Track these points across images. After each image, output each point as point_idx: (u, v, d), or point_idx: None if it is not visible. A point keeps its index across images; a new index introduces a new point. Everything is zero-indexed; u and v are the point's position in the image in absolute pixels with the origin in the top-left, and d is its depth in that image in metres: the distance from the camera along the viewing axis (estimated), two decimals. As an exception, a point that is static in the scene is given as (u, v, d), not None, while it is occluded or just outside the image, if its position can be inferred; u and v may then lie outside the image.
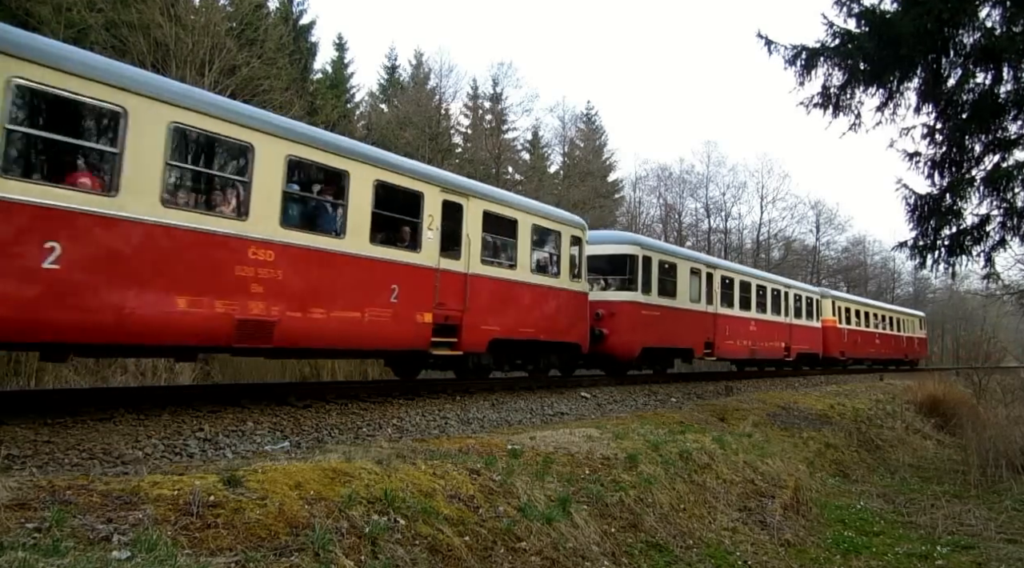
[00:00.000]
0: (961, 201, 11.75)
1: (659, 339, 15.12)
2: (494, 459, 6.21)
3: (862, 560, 7.89)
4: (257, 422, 7.06)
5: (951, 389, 22.57)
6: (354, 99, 35.07)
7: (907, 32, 10.04)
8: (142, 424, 6.35)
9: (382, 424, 7.89)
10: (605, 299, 14.18)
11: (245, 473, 4.46)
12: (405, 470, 5.33)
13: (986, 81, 10.94)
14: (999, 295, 22.89)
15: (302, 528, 4.09)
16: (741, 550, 7.20)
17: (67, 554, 3.12)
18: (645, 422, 10.03)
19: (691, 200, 47.38)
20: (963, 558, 8.08)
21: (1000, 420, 16.25)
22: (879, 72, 11.04)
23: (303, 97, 25.57)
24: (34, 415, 6.11)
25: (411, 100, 33.67)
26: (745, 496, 8.64)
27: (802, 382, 22.08)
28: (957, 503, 10.74)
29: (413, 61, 38.87)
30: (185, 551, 3.49)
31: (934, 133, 11.72)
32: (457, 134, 38.24)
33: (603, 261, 14.69)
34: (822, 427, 14.92)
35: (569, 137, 43.56)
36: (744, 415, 13.16)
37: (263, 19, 24.46)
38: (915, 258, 12.51)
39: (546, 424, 9.34)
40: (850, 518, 9.83)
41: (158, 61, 19.64)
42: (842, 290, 43.71)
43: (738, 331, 19.04)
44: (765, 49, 11.53)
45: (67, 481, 4.04)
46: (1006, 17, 10.46)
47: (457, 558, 4.69)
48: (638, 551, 6.27)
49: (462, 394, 10.31)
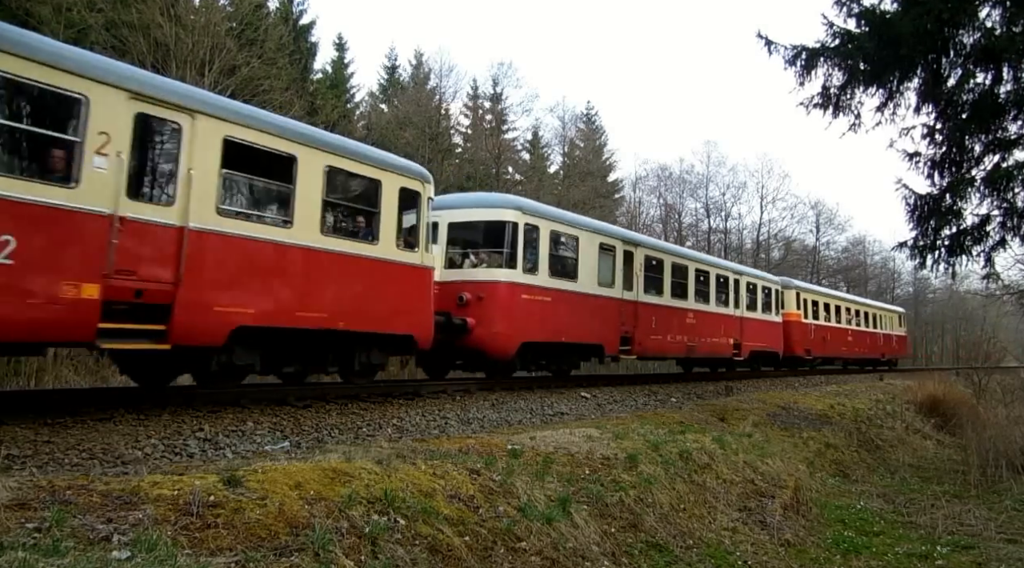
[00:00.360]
0: (961, 201, 11.75)
1: (549, 332, 11.98)
2: (494, 459, 6.21)
3: (862, 560, 7.89)
4: (257, 422, 7.06)
5: (951, 389, 22.59)
6: (354, 99, 35.10)
7: (907, 32, 10.04)
8: (142, 424, 6.36)
9: (382, 424, 7.90)
10: (473, 279, 11.24)
11: (245, 473, 4.46)
12: (405, 470, 5.33)
13: (986, 81, 10.94)
14: (999, 295, 22.90)
15: (302, 528, 4.09)
16: (741, 550, 7.21)
17: (67, 554, 3.12)
18: (645, 422, 10.03)
19: (691, 200, 47.43)
20: (963, 558, 8.08)
21: (1000, 420, 16.27)
22: (879, 72, 11.04)
23: (303, 97, 25.59)
24: (34, 415, 6.12)
25: (411, 100, 33.68)
26: (745, 496, 8.65)
27: (802, 382, 22.16)
28: (957, 503, 10.75)
29: (413, 61, 38.93)
30: (185, 551, 3.49)
31: (934, 133, 11.72)
32: (457, 134, 38.28)
33: (474, 230, 11.85)
34: (822, 427, 14.93)
35: (569, 137, 43.62)
36: (744, 415, 13.16)
37: (263, 19, 24.49)
38: (915, 258, 12.52)
39: (546, 424, 9.35)
40: (850, 518, 9.83)
41: (158, 61, 19.65)
42: (842, 290, 43.45)
43: (669, 324, 15.71)
44: (765, 49, 11.53)
45: (67, 481, 4.04)
46: (1006, 17, 10.46)
47: (457, 558, 4.70)
48: (638, 551, 6.27)
49: (462, 394, 10.33)
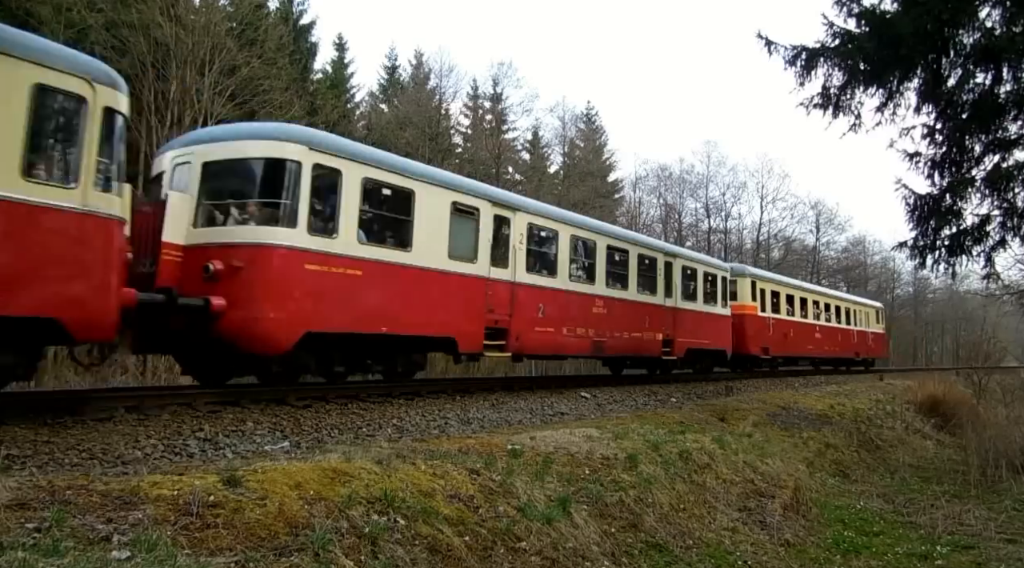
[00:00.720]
0: (961, 201, 11.77)
1: (357, 318, 8.62)
2: (494, 459, 6.21)
3: (862, 560, 7.89)
4: (257, 422, 7.06)
5: (951, 389, 22.58)
6: (354, 99, 35.10)
7: (907, 32, 10.05)
8: (142, 424, 6.36)
9: (382, 424, 7.90)
10: (228, 241, 7.83)
11: (245, 473, 4.46)
12: (405, 470, 5.33)
13: (986, 81, 10.95)
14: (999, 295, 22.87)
15: (302, 528, 4.09)
16: (741, 550, 7.20)
17: (67, 554, 3.12)
18: (645, 422, 10.02)
19: (691, 200, 47.34)
20: (963, 558, 8.07)
21: (1000, 420, 16.28)
22: (879, 72, 11.05)
23: (303, 97, 25.59)
24: (34, 415, 6.12)
25: (411, 100, 33.68)
26: (745, 496, 8.64)
27: (802, 382, 22.20)
28: (957, 503, 10.74)
29: (413, 61, 38.93)
30: (185, 551, 3.48)
31: (934, 133, 11.73)
32: (457, 134, 38.26)
33: (237, 173, 8.45)
34: (822, 427, 14.93)
35: (569, 137, 43.53)
36: (744, 415, 13.16)
37: (263, 19, 24.48)
38: (915, 258, 12.54)
39: (546, 424, 9.34)
40: (850, 518, 9.83)
41: (158, 61, 19.65)
42: (842, 290, 43.13)
43: (565, 313, 12.35)
44: (765, 50, 11.56)
45: (67, 481, 4.04)
46: (1006, 17, 10.46)
47: (457, 558, 4.69)
48: (638, 551, 6.27)
49: (462, 394, 10.33)
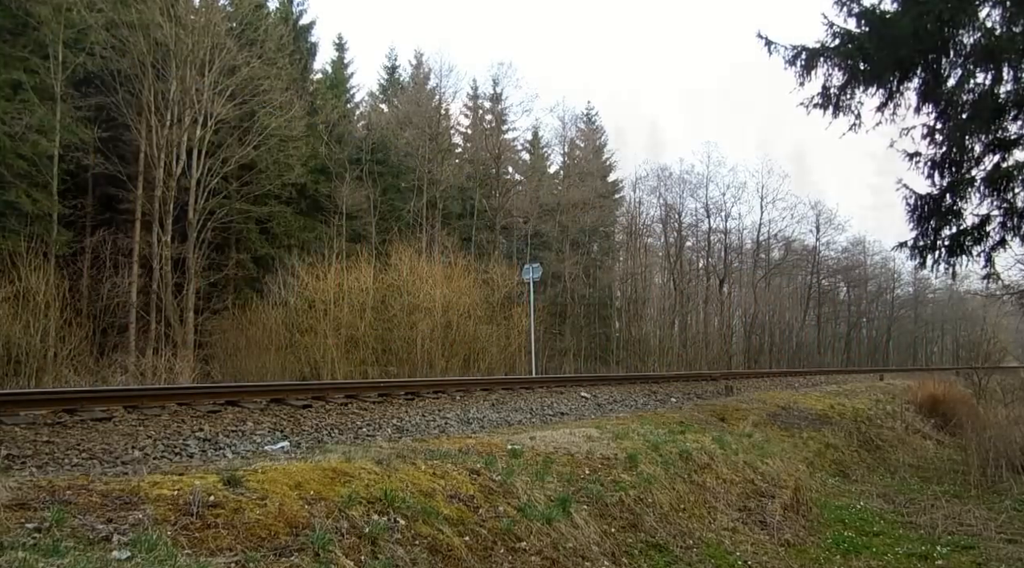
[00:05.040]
0: (961, 201, 11.75)
1: None
2: (494, 459, 6.21)
3: (862, 560, 7.88)
4: (257, 422, 7.06)
5: (951, 389, 22.56)
6: (354, 99, 35.13)
7: (907, 32, 10.04)
8: (142, 424, 6.36)
9: (382, 424, 7.89)
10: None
11: (245, 473, 4.46)
12: (405, 470, 5.33)
13: (986, 81, 10.93)
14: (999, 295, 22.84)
15: (302, 528, 4.08)
16: (741, 550, 7.20)
17: (67, 554, 3.11)
18: (645, 422, 10.02)
19: (691, 200, 47.22)
20: (963, 558, 8.07)
21: (1000, 420, 16.23)
22: (879, 72, 11.04)
23: (303, 97, 25.59)
24: (34, 415, 6.12)
25: (411, 100, 33.67)
26: (745, 496, 8.64)
27: (802, 382, 22.14)
28: (957, 503, 10.73)
29: (413, 61, 38.89)
30: (185, 551, 3.48)
31: (934, 133, 11.71)
32: (457, 134, 38.28)
33: None
34: (822, 427, 14.92)
35: (569, 137, 43.49)
36: (744, 415, 13.15)
37: (263, 19, 24.49)
38: (915, 258, 12.51)
39: (546, 424, 9.34)
40: (850, 518, 9.82)
41: (158, 61, 19.65)
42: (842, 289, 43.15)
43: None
44: (765, 49, 11.54)
45: (67, 481, 4.04)
46: (1006, 17, 10.45)
47: (457, 558, 4.69)
48: (638, 551, 6.27)
49: (462, 394, 10.32)
